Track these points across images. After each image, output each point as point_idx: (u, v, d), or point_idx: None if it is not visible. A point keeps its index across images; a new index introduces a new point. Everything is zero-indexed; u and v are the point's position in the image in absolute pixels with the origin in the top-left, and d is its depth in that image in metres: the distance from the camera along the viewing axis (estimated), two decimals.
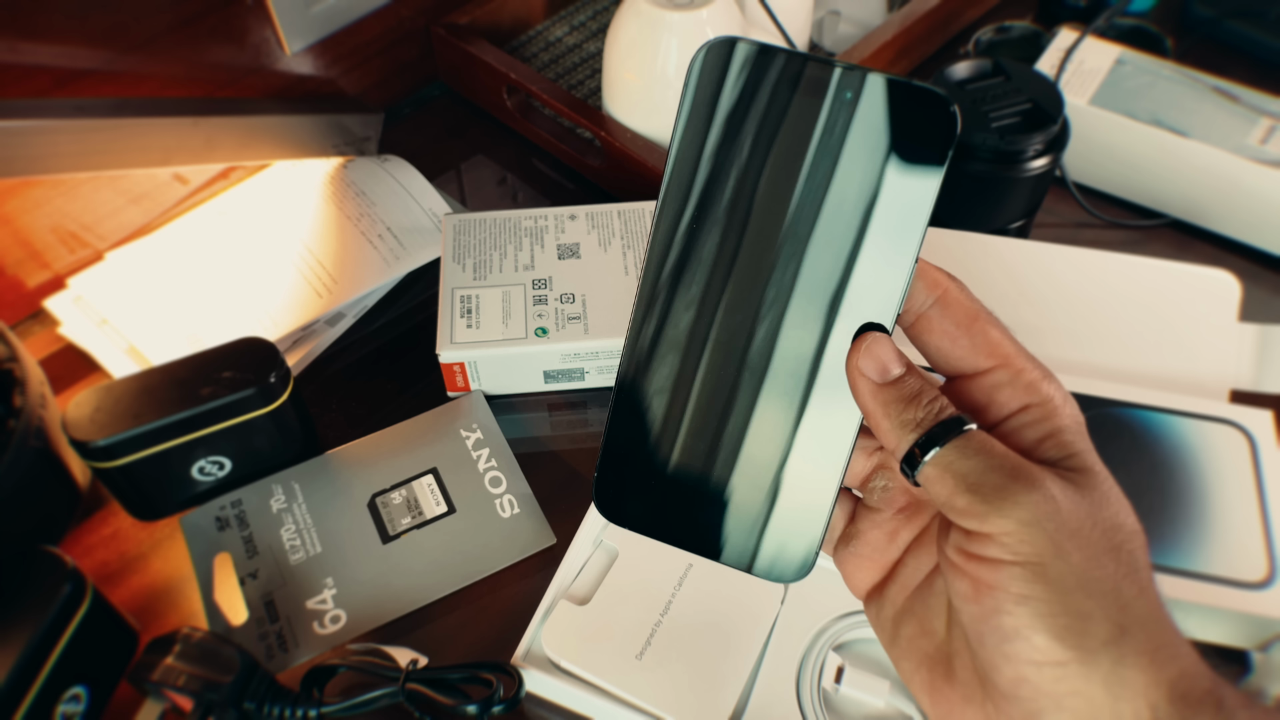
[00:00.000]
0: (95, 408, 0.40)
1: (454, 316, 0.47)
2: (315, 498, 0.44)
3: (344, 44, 0.58)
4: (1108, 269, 0.49)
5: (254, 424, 0.42)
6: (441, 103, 0.64)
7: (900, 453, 0.23)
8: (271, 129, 0.54)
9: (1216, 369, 0.46)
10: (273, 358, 0.43)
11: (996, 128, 0.48)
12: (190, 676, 0.35)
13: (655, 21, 0.51)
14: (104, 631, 0.38)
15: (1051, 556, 0.21)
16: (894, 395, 0.23)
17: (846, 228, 0.23)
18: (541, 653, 0.39)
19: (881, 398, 0.23)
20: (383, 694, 0.37)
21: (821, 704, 0.37)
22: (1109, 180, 0.57)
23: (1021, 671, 0.21)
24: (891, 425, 0.23)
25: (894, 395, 0.23)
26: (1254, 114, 0.54)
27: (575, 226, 0.51)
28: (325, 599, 0.41)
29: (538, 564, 0.42)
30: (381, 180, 0.57)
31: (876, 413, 0.23)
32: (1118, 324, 0.47)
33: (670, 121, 0.54)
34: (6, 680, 0.33)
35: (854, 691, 0.37)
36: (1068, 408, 0.23)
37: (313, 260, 0.53)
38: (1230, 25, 0.66)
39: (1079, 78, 0.57)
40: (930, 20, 0.64)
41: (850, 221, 0.23)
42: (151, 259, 0.53)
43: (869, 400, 0.23)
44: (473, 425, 0.47)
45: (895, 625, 0.26)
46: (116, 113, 0.48)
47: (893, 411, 0.23)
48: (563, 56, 0.64)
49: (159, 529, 0.44)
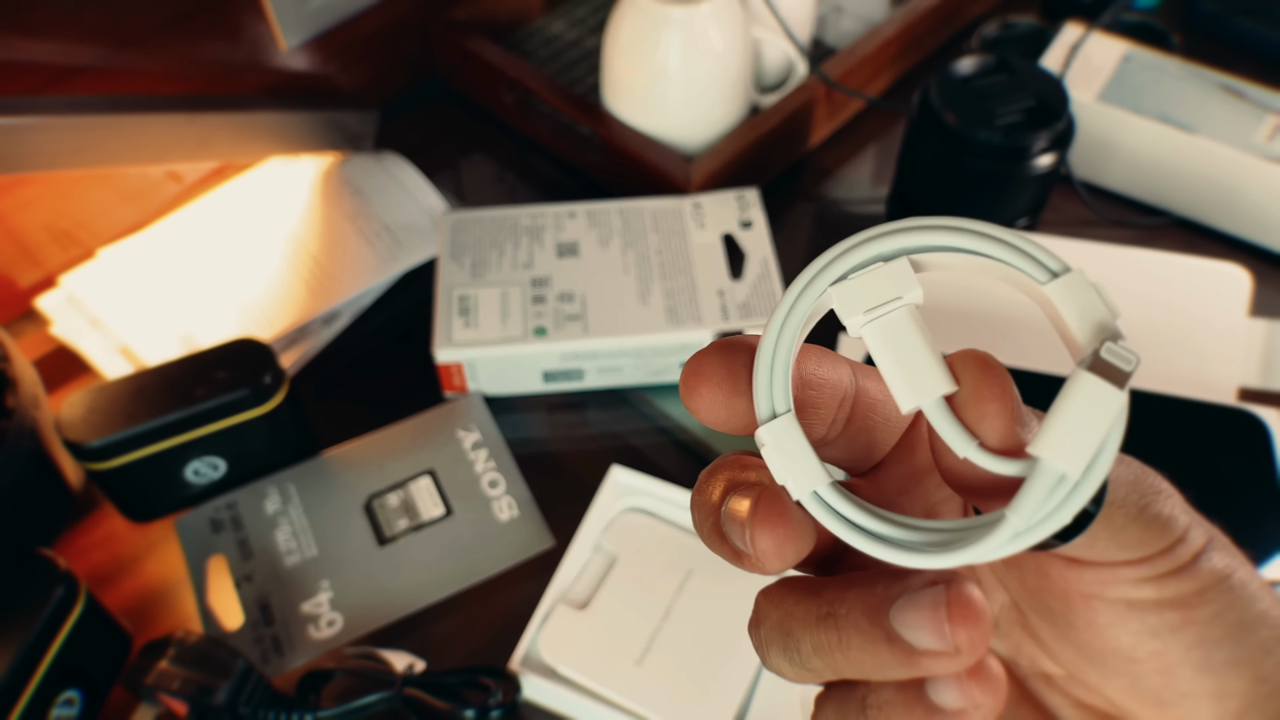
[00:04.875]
0: (88, 408, 0.40)
1: (451, 316, 0.46)
2: (311, 500, 0.44)
3: (340, 40, 0.58)
4: (1115, 263, 0.48)
5: (248, 425, 0.42)
6: (439, 99, 0.64)
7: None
8: (266, 125, 0.54)
9: (1225, 366, 0.45)
10: (267, 358, 0.42)
11: (1001, 125, 0.48)
12: (185, 680, 0.35)
13: (656, 16, 0.51)
14: (98, 635, 0.37)
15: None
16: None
17: None
18: (539, 658, 0.38)
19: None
20: (379, 698, 0.36)
21: None
22: (1115, 177, 0.57)
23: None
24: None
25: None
26: (1261, 110, 0.54)
27: (574, 224, 0.50)
28: (321, 602, 0.41)
29: (536, 567, 0.42)
30: (378, 178, 0.56)
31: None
32: (1125, 319, 0.47)
33: (671, 119, 0.54)
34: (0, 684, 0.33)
35: None
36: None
37: (308, 259, 0.52)
38: (1237, 21, 0.65)
39: (1084, 74, 0.56)
40: (934, 16, 0.63)
41: None
42: (144, 256, 0.52)
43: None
44: (471, 426, 0.46)
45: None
46: (110, 109, 0.48)
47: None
48: (562, 52, 0.64)
49: (153, 531, 0.44)
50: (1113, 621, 0.18)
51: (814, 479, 0.16)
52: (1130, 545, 0.17)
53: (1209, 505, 0.43)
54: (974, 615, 0.16)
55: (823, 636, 0.17)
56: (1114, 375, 0.15)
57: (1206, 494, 0.42)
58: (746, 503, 0.17)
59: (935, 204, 0.52)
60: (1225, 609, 0.18)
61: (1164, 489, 0.18)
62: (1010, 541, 0.15)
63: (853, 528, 0.16)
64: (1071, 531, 0.16)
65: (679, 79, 0.52)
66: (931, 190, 0.52)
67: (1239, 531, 0.42)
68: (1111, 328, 0.15)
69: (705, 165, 0.52)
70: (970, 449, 0.15)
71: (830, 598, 0.17)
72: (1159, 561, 0.17)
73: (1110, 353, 0.15)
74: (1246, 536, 0.41)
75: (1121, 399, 0.15)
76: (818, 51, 0.63)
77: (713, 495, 0.18)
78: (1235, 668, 0.18)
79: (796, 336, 0.17)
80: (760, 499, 0.17)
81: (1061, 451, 0.15)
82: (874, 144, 0.61)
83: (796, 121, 0.57)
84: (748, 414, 0.17)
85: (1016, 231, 0.16)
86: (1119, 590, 0.18)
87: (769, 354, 0.17)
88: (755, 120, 0.55)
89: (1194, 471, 0.41)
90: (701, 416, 0.17)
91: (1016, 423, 0.16)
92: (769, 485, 0.17)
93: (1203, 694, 0.18)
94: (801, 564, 0.20)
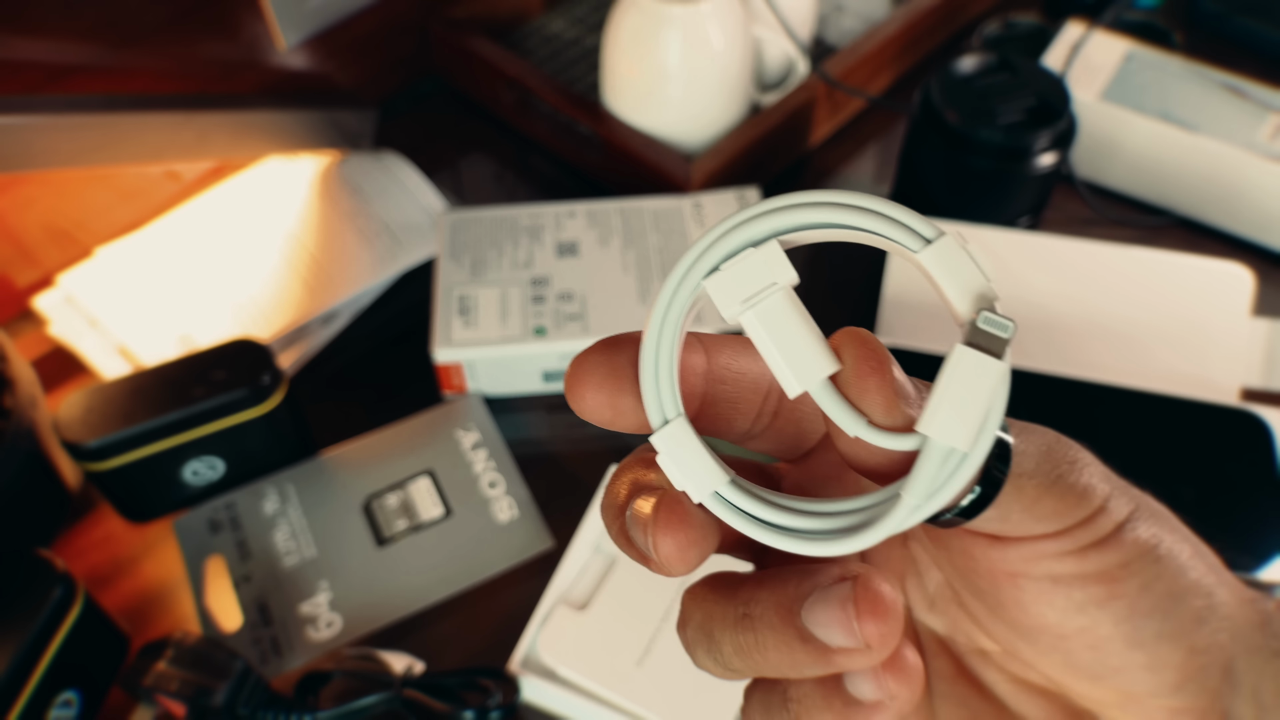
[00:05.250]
0: (86, 409, 0.40)
1: (451, 315, 0.46)
2: (310, 500, 0.44)
3: (339, 38, 0.57)
4: (1117, 262, 0.48)
5: (247, 425, 0.42)
6: (438, 98, 0.63)
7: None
8: (265, 124, 0.53)
9: (1227, 366, 0.45)
10: (265, 358, 0.42)
11: (1002, 124, 0.48)
12: (183, 682, 0.35)
13: (656, 15, 0.50)
14: (96, 636, 0.37)
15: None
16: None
17: None
18: (539, 659, 0.38)
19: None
20: (378, 700, 0.36)
21: None
22: (1116, 177, 0.57)
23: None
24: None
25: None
26: (1263, 109, 0.53)
27: (574, 224, 0.50)
28: (320, 603, 0.41)
29: (536, 568, 0.42)
30: (377, 177, 0.56)
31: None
32: (1127, 318, 0.47)
33: (671, 118, 0.54)
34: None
35: None
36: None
37: (307, 258, 0.52)
38: (1239, 20, 0.65)
39: (1086, 73, 0.56)
40: (935, 14, 0.63)
41: None
42: (142, 256, 0.52)
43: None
44: (470, 426, 0.46)
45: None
46: (108, 108, 0.47)
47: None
48: (561, 51, 0.63)
49: (151, 532, 0.43)
50: (1038, 598, 0.18)
51: (712, 480, 0.16)
52: (1046, 518, 0.17)
53: (1210, 505, 0.43)
54: (882, 610, 0.16)
55: (741, 638, 0.17)
56: (992, 344, 0.15)
57: (1208, 494, 0.42)
58: (649, 506, 0.17)
59: (937, 203, 0.51)
60: (1153, 580, 0.17)
61: (1080, 459, 0.18)
62: (908, 517, 0.15)
63: (756, 523, 0.16)
64: (977, 506, 0.16)
65: (679, 77, 0.52)
66: (933, 189, 0.52)
67: (1240, 531, 0.42)
68: (988, 295, 0.15)
69: (705, 164, 0.52)
70: (859, 427, 0.15)
71: (746, 597, 0.17)
72: (1078, 534, 0.17)
73: (987, 322, 0.15)
74: (1248, 536, 0.41)
75: (1001, 368, 0.15)
76: (818, 50, 0.63)
77: (618, 497, 0.18)
78: (1167, 640, 0.17)
79: (677, 336, 0.16)
80: (661, 503, 0.16)
81: (946, 427, 0.15)
82: (875, 143, 0.61)
83: (797, 120, 0.57)
84: (635, 412, 0.17)
85: (885, 200, 0.15)
86: (1041, 566, 0.17)
87: (651, 360, 0.16)
88: (756, 119, 0.55)
89: (1196, 471, 0.41)
90: (588, 417, 0.17)
91: (899, 397, 0.15)
92: (669, 488, 0.17)
93: (1135, 667, 0.18)
94: (738, 551, 0.20)
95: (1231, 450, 0.41)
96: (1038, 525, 0.17)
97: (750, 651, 0.17)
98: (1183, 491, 0.40)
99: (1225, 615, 0.18)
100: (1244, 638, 0.18)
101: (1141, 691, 0.18)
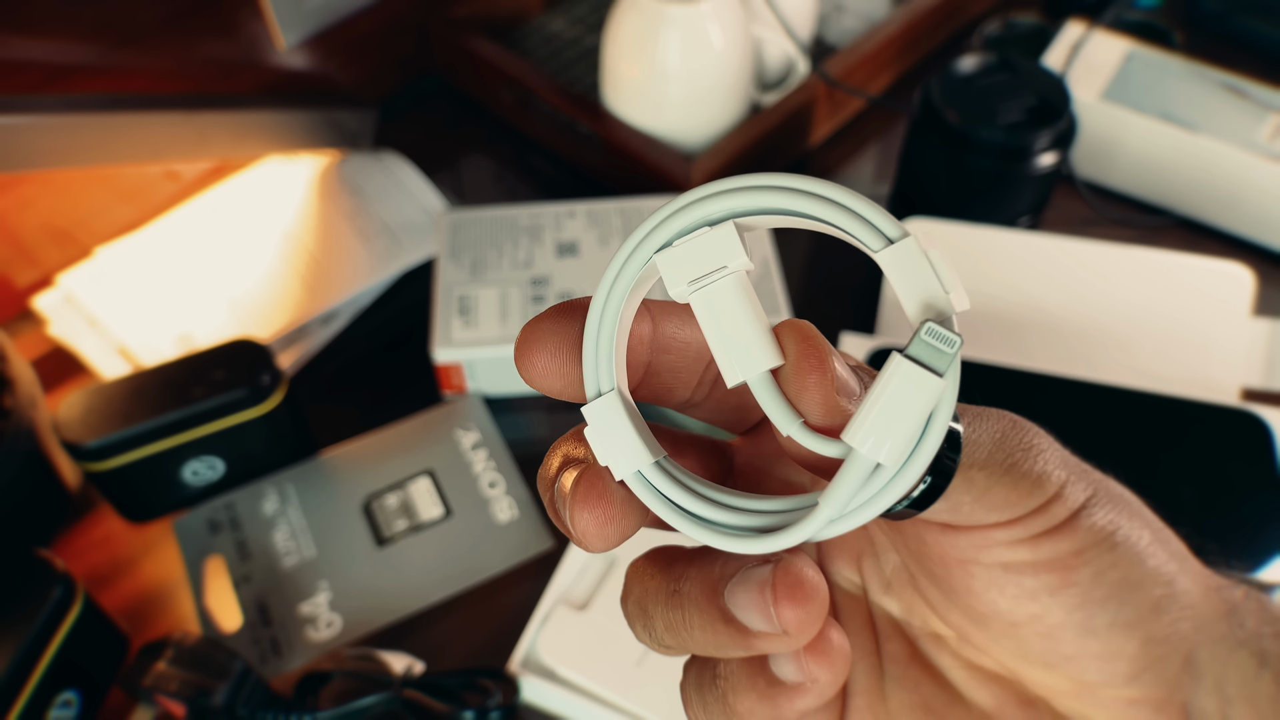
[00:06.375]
0: (86, 409, 0.40)
1: (450, 315, 0.46)
2: (309, 500, 0.44)
3: (338, 38, 0.57)
4: (1118, 262, 0.48)
5: (246, 425, 0.42)
6: (438, 98, 0.63)
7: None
8: (264, 124, 0.53)
9: (1227, 366, 0.45)
10: (265, 358, 0.42)
11: (1002, 123, 0.48)
12: (183, 682, 0.35)
13: (656, 15, 0.50)
14: (95, 636, 0.37)
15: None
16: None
17: None
18: (539, 659, 0.38)
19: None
20: (378, 700, 0.36)
21: None
22: (1117, 176, 0.57)
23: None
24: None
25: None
26: (1264, 109, 0.53)
27: (574, 224, 0.50)
28: (320, 603, 0.40)
29: (536, 568, 0.42)
30: (376, 176, 0.56)
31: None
32: (1127, 318, 0.47)
33: (670, 118, 0.54)
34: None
35: None
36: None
37: (306, 258, 0.52)
38: (1239, 20, 0.65)
39: (1086, 72, 0.56)
40: (935, 14, 0.63)
41: None
42: (142, 256, 0.52)
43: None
44: (470, 426, 0.46)
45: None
46: (108, 108, 0.47)
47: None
48: (561, 50, 0.63)
49: (151, 532, 0.43)
50: (989, 585, 0.17)
51: (637, 458, 0.16)
52: (998, 507, 0.17)
53: (1210, 505, 0.43)
54: (802, 596, 0.16)
55: (671, 615, 0.17)
56: (933, 359, 0.14)
57: (1208, 494, 0.42)
58: (570, 480, 0.16)
59: (937, 203, 0.51)
60: (1108, 568, 0.17)
61: (1035, 445, 0.17)
62: (824, 528, 0.15)
63: (675, 509, 0.16)
64: (928, 497, 0.16)
65: (679, 77, 0.52)
66: (933, 189, 0.52)
67: (1240, 531, 0.42)
68: (939, 305, 0.14)
69: (705, 164, 0.52)
70: (794, 427, 0.15)
71: (678, 574, 0.17)
72: (1031, 522, 0.17)
73: (930, 334, 0.14)
74: (1248, 536, 0.41)
75: (938, 385, 0.14)
76: (818, 50, 0.63)
77: (550, 470, 0.17)
78: (1122, 629, 0.17)
79: (622, 308, 0.16)
80: (581, 478, 0.16)
81: (871, 440, 0.14)
82: (875, 143, 0.61)
83: (797, 120, 0.57)
84: (582, 383, 0.16)
85: (851, 192, 0.14)
86: (993, 554, 0.17)
87: (594, 330, 0.16)
88: (756, 119, 0.55)
89: (1196, 471, 0.41)
90: (536, 385, 0.17)
91: (840, 397, 0.15)
92: (592, 463, 0.16)
93: (1089, 656, 0.17)
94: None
95: (1231, 450, 0.41)
96: (989, 514, 0.17)
97: (679, 629, 0.17)
98: (1183, 491, 0.40)
99: (1187, 604, 0.17)
100: (1207, 627, 0.17)
101: (1095, 680, 0.17)
